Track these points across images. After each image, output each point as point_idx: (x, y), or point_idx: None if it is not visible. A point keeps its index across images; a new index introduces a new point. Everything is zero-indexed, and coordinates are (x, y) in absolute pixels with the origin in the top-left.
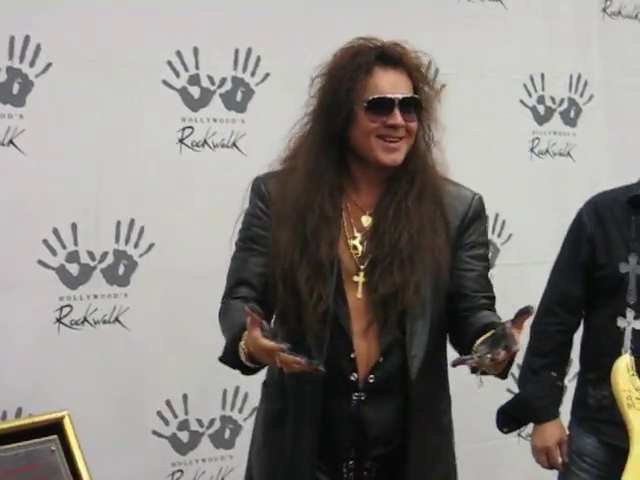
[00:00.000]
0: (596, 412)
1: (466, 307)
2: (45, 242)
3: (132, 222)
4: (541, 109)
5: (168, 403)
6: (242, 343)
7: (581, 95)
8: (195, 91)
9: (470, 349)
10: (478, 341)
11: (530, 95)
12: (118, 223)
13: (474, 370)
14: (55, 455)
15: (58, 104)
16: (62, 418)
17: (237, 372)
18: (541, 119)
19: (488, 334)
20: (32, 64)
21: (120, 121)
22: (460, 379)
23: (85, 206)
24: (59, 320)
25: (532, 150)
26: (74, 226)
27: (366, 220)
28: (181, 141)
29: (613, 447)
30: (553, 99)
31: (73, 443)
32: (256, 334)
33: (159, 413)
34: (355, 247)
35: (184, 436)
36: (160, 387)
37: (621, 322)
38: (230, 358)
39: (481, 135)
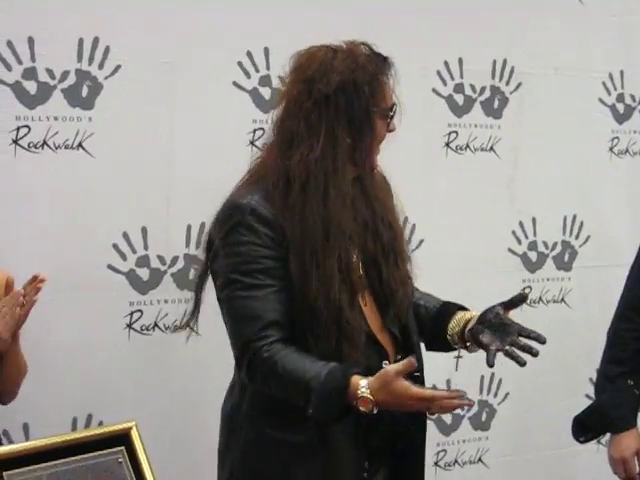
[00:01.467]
0: None
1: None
2: (115, 246)
3: (202, 226)
4: (621, 107)
5: None
6: (366, 393)
7: None
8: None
9: (437, 334)
10: (452, 326)
11: (609, 93)
12: (189, 227)
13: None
14: (122, 467)
15: (126, 105)
16: (130, 429)
17: None
18: (621, 117)
19: (465, 318)
20: (101, 66)
21: (190, 122)
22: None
23: (155, 210)
24: (129, 325)
25: (611, 150)
26: (144, 230)
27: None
28: (252, 143)
29: None
30: (633, 97)
31: (140, 455)
32: (407, 384)
33: None
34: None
35: None
36: None
37: None
38: (331, 410)
39: (559, 135)
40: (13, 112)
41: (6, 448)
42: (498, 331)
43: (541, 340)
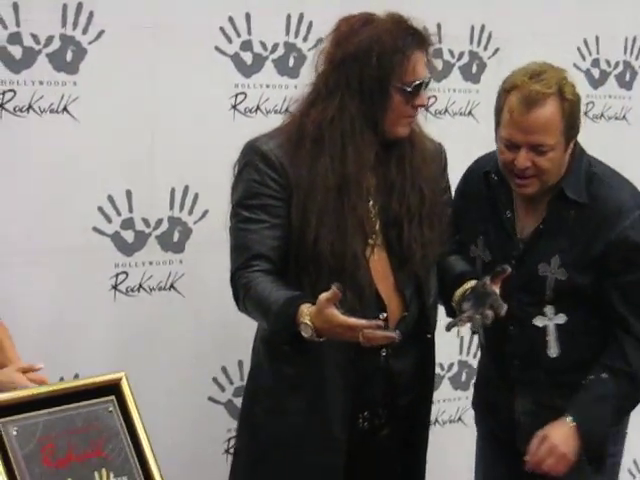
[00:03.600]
0: None
1: (440, 252)
2: (100, 209)
3: (186, 189)
4: (596, 72)
5: (224, 370)
6: (306, 319)
7: (637, 58)
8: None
9: (448, 298)
10: (457, 294)
11: (584, 58)
12: (172, 190)
13: (475, 332)
14: (112, 416)
15: (111, 70)
16: (119, 379)
17: None
18: (596, 83)
19: (467, 287)
20: (85, 31)
21: (172, 87)
22: None
23: (139, 173)
24: (115, 287)
25: (586, 114)
26: (129, 193)
27: (370, 178)
28: (234, 107)
29: None
30: (608, 62)
31: (131, 404)
32: (333, 312)
33: (215, 379)
34: (369, 210)
35: (240, 402)
36: (216, 354)
37: None
38: (283, 335)
39: None
40: None
41: None
42: (478, 300)
43: (500, 312)
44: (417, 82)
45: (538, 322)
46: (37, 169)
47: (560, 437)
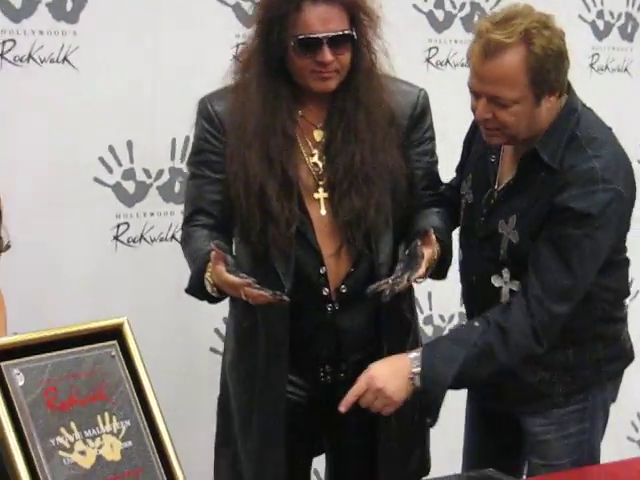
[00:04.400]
0: None
1: (414, 204)
2: (101, 160)
3: (187, 139)
4: (600, 24)
5: (225, 321)
6: (207, 275)
7: (638, 9)
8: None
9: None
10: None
11: (589, 10)
12: (173, 140)
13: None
14: (115, 361)
15: (111, 20)
16: (121, 324)
17: None
18: (600, 34)
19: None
20: None
21: (174, 37)
22: None
23: (140, 123)
24: (116, 237)
25: (592, 66)
26: (129, 143)
27: (318, 134)
28: (236, 57)
29: None
30: (612, 14)
31: (133, 349)
32: (220, 269)
33: (216, 330)
34: (315, 164)
35: None
36: (217, 305)
37: None
38: (196, 290)
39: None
40: None
41: (2, 340)
42: (408, 263)
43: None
44: (305, 36)
45: (495, 281)
46: (37, 119)
47: (383, 369)
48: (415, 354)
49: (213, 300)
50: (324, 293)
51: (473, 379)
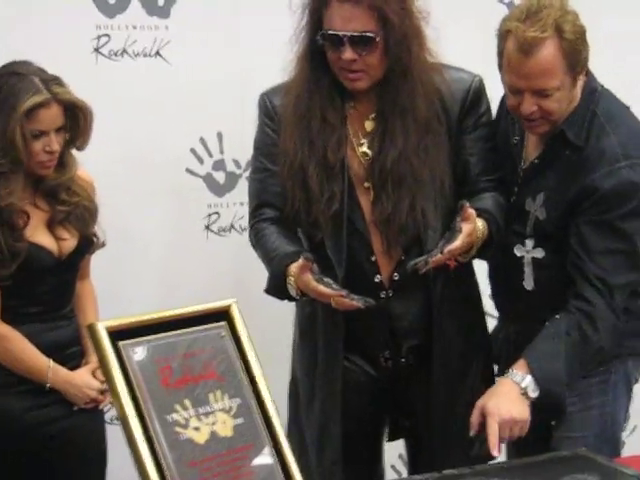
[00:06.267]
0: None
1: (469, 191)
2: (192, 151)
3: None
4: None
5: None
6: (291, 280)
7: None
8: None
9: None
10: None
11: None
12: None
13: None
14: (225, 340)
15: (202, 15)
16: (230, 306)
17: None
18: None
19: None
20: None
21: (263, 26)
22: None
23: (231, 115)
24: (207, 227)
25: None
26: (220, 135)
27: (368, 125)
28: None
29: None
30: None
31: (241, 329)
32: (308, 278)
33: None
34: (365, 154)
35: None
36: None
37: None
38: (277, 292)
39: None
40: (94, 21)
41: (119, 321)
42: (448, 239)
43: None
44: (329, 32)
45: (517, 251)
46: (131, 112)
47: (498, 401)
48: (517, 372)
49: (294, 300)
50: (376, 280)
51: (582, 368)
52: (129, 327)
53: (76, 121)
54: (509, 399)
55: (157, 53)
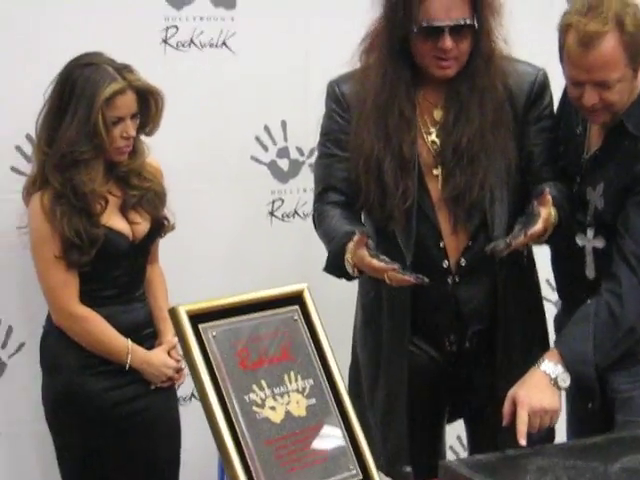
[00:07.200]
0: None
1: (532, 180)
2: (257, 139)
3: None
4: None
5: None
6: (348, 256)
7: None
8: None
9: None
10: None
11: None
12: None
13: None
14: (297, 323)
15: (266, 6)
16: (302, 290)
17: None
18: None
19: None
20: None
21: (327, 21)
22: None
23: (294, 103)
24: (271, 213)
25: None
26: (284, 123)
27: (437, 114)
28: None
29: None
30: None
31: (313, 313)
32: (363, 253)
33: None
34: (434, 142)
35: None
36: None
37: None
38: (335, 269)
39: None
40: (162, 13)
41: (199, 305)
42: (526, 223)
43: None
44: (428, 24)
45: (579, 240)
46: (198, 101)
47: (529, 391)
48: (548, 362)
49: (351, 278)
50: (444, 266)
51: (615, 350)
52: (208, 310)
53: (147, 107)
54: (540, 389)
55: (223, 43)
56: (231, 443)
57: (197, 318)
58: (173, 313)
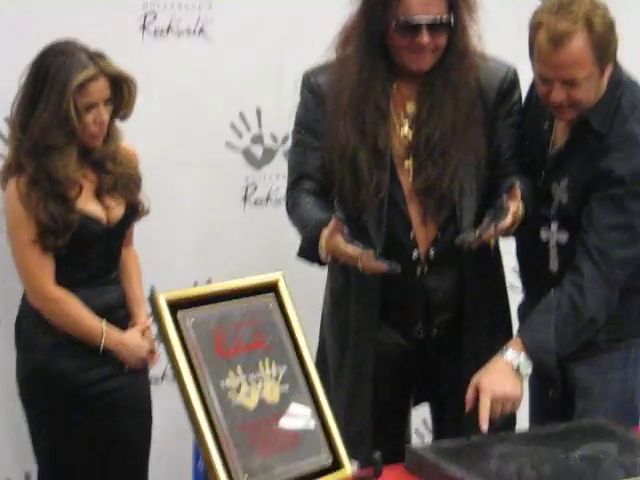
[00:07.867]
0: None
1: (499, 174)
2: (232, 125)
3: None
4: None
5: None
6: (322, 243)
7: None
8: None
9: None
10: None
11: None
12: None
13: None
14: (273, 311)
15: None
16: (277, 279)
17: None
18: None
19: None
20: None
21: (302, 8)
22: None
23: (269, 91)
24: (244, 199)
25: None
26: (258, 110)
27: (410, 107)
28: None
29: None
30: None
31: (287, 301)
32: (338, 239)
33: None
34: (406, 135)
35: None
36: None
37: None
38: (308, 254)
39: None
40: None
41: (178, 293)
42: (494, 216)
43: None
44: (406, 20)
45: (543, 234)
46: (175, 87)
47: (492, 378)
48: (511, 350)
49: (324, 264)
50: (414, 256)
51: (576, 340)
52: (187, 298)
53: (121, 93)
54: (502, 376)
55: (201, 30)
56: (207, 428)
57: (176, 305)
58: (152, 300)
